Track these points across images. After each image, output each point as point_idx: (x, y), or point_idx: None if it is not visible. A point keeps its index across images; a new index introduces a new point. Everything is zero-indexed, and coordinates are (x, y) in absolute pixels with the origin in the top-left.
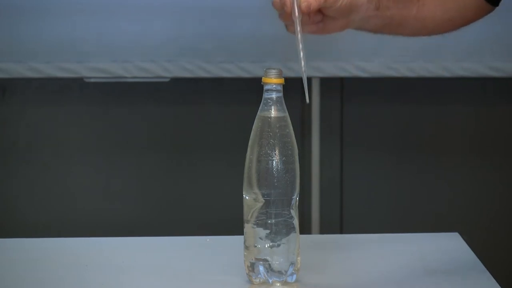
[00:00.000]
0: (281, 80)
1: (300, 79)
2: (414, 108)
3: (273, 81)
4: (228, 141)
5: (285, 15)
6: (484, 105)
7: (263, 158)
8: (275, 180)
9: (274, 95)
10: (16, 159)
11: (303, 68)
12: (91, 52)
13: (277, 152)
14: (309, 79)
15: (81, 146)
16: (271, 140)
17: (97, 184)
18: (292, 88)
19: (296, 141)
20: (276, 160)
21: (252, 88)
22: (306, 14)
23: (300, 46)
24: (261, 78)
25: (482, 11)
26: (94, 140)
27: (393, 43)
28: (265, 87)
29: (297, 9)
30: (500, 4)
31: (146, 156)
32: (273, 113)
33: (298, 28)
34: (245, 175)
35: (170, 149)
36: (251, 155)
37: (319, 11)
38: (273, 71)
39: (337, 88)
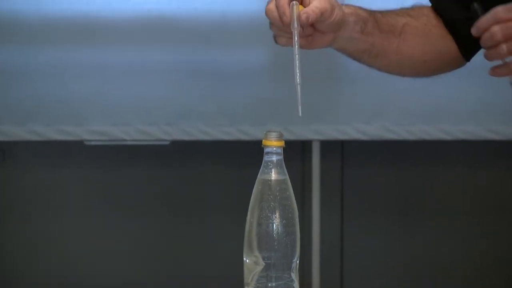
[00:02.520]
0: (282, 143)
1: (300, 142)
2: (414, 171)
3: (273, 143)
4: (228, 204)
5: (280, 25)
6: (484, 167)
7: (264, 221)
8: (276, 243)
9: (274, 158)
10: (15, 221)
11: (298, 80)
12: (91, 115)
13: (277, 215)
14: (309, 142)
15: (81, 208)
16: (272, 203)
17: (97, 246)
18: (293, 151)
19: (297, 204)
20: (276, 223)
21: (252, 151)
22: (303, 26)
23: (297, 57)
24: (261, 141)
25: (456, 62)
26: (94, 202)
27: (393, 106)
28: (266, 150)
29: (297, 20)
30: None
31: (147, 218)
32: (274, 176)
33: (296, 39)
34: (246, 238)
35: (170, 212)
36: (251, 218)
37: (311, 25)
38: (274, 133)
39: (337, 151)
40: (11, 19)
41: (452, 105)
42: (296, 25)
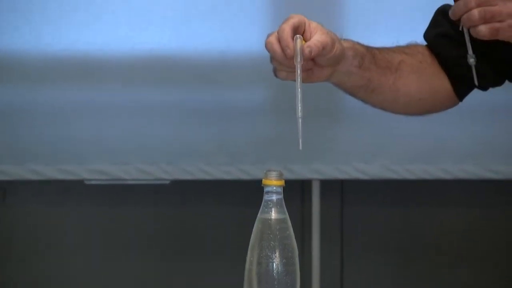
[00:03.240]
0: (281, 182)
1: (300, 181)
2: (414, 210)
3: (273, 183)
4: (229, 243)
5: (282, 59)
6: (485, 207)
7: (264, 260)
8: (276, 283)
9: (274, 197)
10: (16, 260)
11: (299, 114)
12: (91, 154)
13: (277, 254)
14: (309, 181)
15: (81, 247)
16: (272, 242)
17: (97, 284)
18: (293, 190)
19: (297, 243)
20: (276, 262)
21: (252, 190)
22: (305, 60)
23: (299, 90)
24: (261, 180)
25: (449, 101)
26: (95, 241)
27: (393, 145)
28: (266, 189)
29: (300, 53)
30: (499, 106)
31: (147, 257)
32: (274, 215)
33: (299, 72)
34: (246, 278)
35: (170, 250)
36: (251, 257)
37: (312, 58)
38: (274, 173)
39: (337, 190)
40: (11, 58)
41: (452, 144)
42: (299, 59)
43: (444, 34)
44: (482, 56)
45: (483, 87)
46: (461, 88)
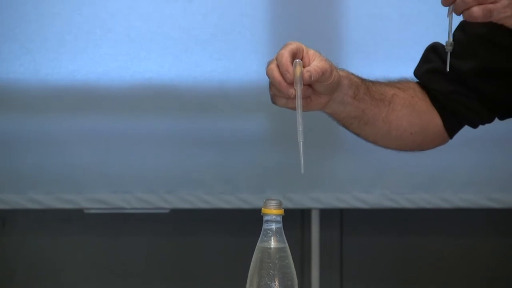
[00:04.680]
0: (281, 211)
1: (299, 210)
2: (414, 239)
3: (272, 212)
4: (228, 272)
5: (281, 84)
6: (485, 236)
7: None
8: None
9: (273, 226)
10: None
11: (301, 138)
12: (90, 183)
13: (276, 283)
14: (309, 210)
15: (81, 277)
16: (271, 271)
17: None
18: (292, 219)
19: (296, 272)
20: None
21: (251, 219)
22: (305, 85)
23: (300, 113)
24: (260, 209)
25: (440, 137)
26: (94, 271)
27: (392, 175)
28: (265, 218)
29: (300, 78)
30: (498, 136)
31: (146, 286)
32: (273, 244)
33: (299, 94)
34: None
35: (170, 280)
36: (250, 286)
37: (310, 86)
38: (273, 202)
39: (336, 219)
40: (11, 88)
41: (452, 173)
42: (299, 83)
43: (435, 69)
44: (473, 93)
45: (473, 124)
46: (451, 124)
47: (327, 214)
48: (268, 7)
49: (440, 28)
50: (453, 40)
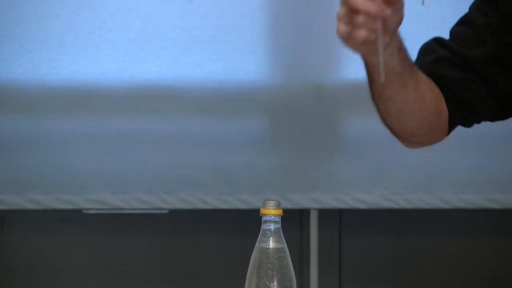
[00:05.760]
0: (279, 212)
1: (298, 210)
2: (413, 240)
3: (271, 212)
4: (227, 272)
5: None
6: (484, 237)
7: None
8: None
9: (272, 226)
10: None
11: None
12: (89, 184)
13: (275, 283)
14: (307, 211)
15: (80, 277)
16: (270, 272)
17: None
18: (291, 219)
19: (295, 273)
20: None
21: (250, 219)
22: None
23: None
24: (259, 210)
25: (444, 131)
26: (94, 271)
27: (391, 175)
28: (264, 218)
29: None
30: (499, 136)
31: (145, 287)
32: (272, 244)
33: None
34: None
35: (169, 280)
36: (249, 286)
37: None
38: (272, 202)
39: (335, 220)
40: (10, 88)
41: (451, 173)
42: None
43: (442, 58)
44: (484, 82)
45: (479, 117)
46: (455, 116)
47: (326, 215)
48: (267, 8)
49: (439, 30)
50: (456, 35)
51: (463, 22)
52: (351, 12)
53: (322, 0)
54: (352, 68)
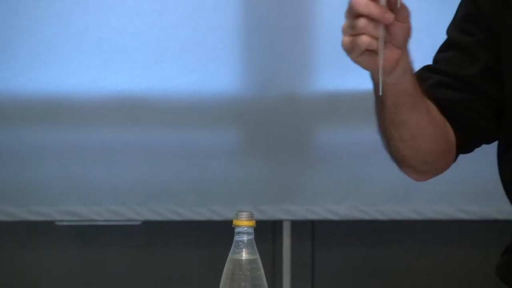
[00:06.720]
0: (252, 223)
1: (271, 222)
2: (386, 251)
3: (244, 223)
4: (200, 283)
5: (375, 9)
6: (458, 248)
7: None
8: None
9: (245, 238)
10: None
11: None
12: (62, 195)
13: None
14: (280, 222)
15: None
16: (242, 283)
17: None
18: (263, 230)
19: (267, 284)
20: None
21: (223, 231)
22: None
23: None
24: (232, 221)
25: (452, 153)
26: (67, 283)
27: (364, 186)
28: (236, 230)
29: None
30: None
31: None
32: (244, 255)
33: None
34: None
35: None
36: None
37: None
38: (244, 213)
39: (308, 231)
40: None
41: (423, 185)
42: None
43: (437, 83)
44: (484, 99)
45: (484, 136)
46: (462, 138)
47: (298, 226)
48: (240, 19)
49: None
50: (446, 59)
51: (447, 46)
52: (354, 22)
53: (295, 11)
54: (326, 79)
